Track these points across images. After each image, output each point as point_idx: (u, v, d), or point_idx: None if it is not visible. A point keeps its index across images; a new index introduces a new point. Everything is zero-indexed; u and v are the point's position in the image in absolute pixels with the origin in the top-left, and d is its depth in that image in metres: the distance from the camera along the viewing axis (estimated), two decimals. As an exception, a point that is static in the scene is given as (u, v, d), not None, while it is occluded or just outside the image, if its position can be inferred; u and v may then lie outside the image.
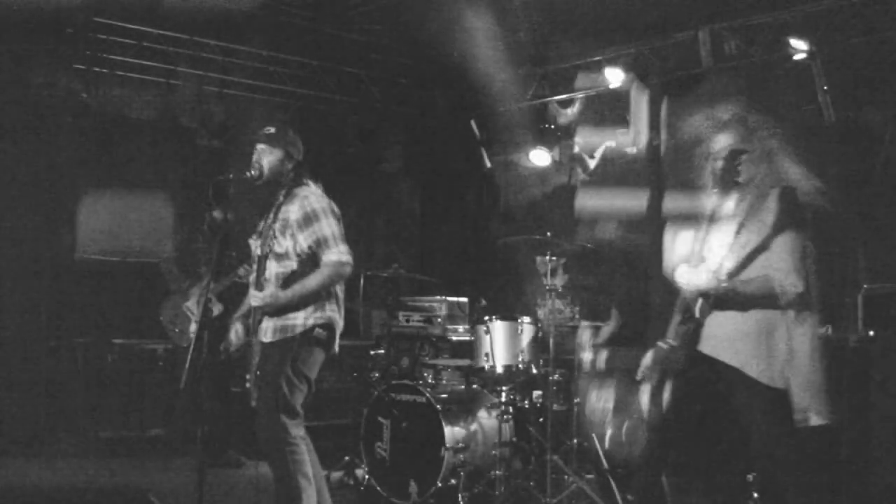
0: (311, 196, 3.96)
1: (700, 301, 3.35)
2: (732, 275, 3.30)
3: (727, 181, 3.38)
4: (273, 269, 3.93)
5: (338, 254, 3.87)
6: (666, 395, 3.44)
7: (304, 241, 3.89)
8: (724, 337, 3.36)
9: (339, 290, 4.06)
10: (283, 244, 3.90)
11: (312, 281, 3.85)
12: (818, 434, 3.37)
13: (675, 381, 3.43)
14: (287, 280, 3.91)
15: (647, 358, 3.50)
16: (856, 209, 5.97)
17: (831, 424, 3.33)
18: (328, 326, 3.97)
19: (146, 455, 6.47)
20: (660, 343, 3.46)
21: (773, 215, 3.29)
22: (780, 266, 3.23)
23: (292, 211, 3.93)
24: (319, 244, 3.88)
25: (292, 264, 3.91)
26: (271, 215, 4.03)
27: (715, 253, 3.41)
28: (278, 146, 4.04)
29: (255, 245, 4.11)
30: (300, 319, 3.90)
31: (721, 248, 3.38)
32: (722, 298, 3.31)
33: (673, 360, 3.40)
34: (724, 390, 3.38)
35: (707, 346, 3.41)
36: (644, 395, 3.49)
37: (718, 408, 3.44)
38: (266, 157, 4.02)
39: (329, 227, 3.90)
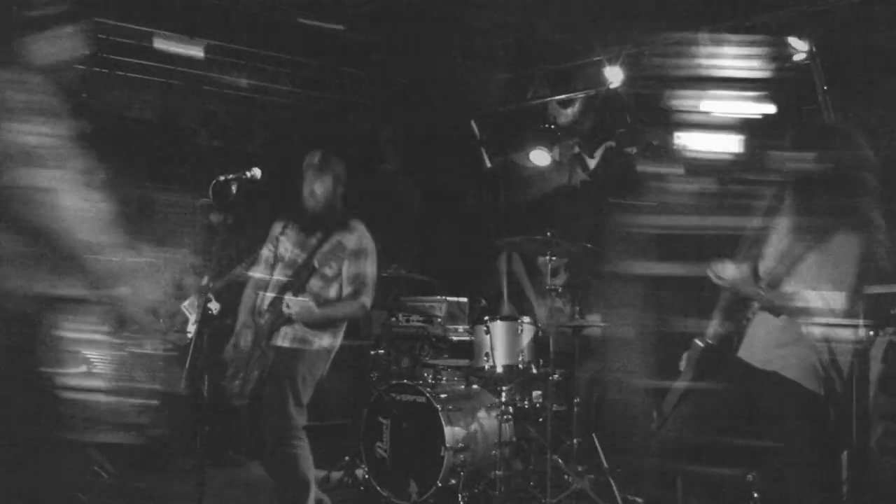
0: (367, 234, 4.18)
1: (698, 345, 3.34)
2: (774, 283, 3.21)
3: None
4: (314, 285, 4.03)
5: (368, 299, 4.12)
6: (697, 395, 3.37)
7: (347, 270, 4.09)
8: (761, 340, 3.27)
9: None
10: (334, 268, 4.06)
11: (341, 310, 4.07)
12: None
13: (708, 382, 3.35)
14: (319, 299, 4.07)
15: (684, 356, 3.44)
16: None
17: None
18: (333, 350, 4.22)
19: (146, 455, 6.46)
20: (696, 341, 3.39)
21: (825, 219, 3.18)
22: (826, 285, 3.12)
23: (349, 240, 4.07)
24: (358, 280, 4.09)
25: (336, 288, 4.11)
26: (317, 236, 4.12)
27: (767, 258, 3.32)
28: (328, 172, 4.09)
29: (292, 252, 4.17)
30: (324, 340, 4.11)
31: (772, 254, 3.30)
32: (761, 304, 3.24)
33: (707, 359, 3.35)
34: (756, 395, 3.26)
35: (744, 350, 3.33)
36: (674, 394, 3.42)
37: (744, 412, 3.32)
38: (318, 185, 4.11)
39: (372, 269, 4.15)
